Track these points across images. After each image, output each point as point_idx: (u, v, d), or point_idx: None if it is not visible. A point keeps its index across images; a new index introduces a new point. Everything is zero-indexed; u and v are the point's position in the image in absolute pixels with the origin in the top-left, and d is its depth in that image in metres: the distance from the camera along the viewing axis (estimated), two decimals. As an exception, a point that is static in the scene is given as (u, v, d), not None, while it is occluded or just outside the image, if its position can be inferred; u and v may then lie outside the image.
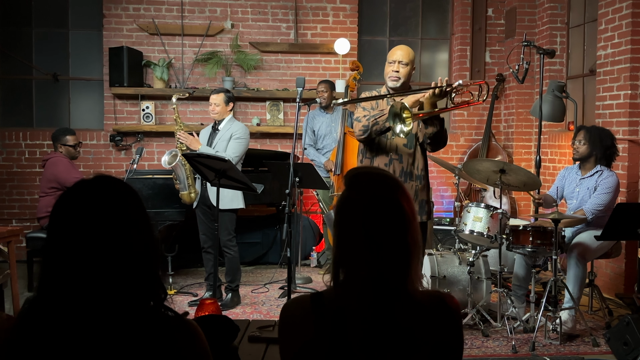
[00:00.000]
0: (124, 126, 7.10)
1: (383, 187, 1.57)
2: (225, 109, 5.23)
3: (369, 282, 1.50)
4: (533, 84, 7.06)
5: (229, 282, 5.27)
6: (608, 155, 4.86)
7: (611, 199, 4.77)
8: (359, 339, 1.49)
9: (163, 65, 7.02)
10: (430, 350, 1.51)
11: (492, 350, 4.25)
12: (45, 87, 7.35)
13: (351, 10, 7.43)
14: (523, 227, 4.60)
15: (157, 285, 1.46)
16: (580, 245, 4.65)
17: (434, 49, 7.94)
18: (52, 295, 1.39)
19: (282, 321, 1.60)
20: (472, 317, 4.60)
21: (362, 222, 1.53)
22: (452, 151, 7.58)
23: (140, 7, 7.18)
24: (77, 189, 1.46)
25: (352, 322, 1.49)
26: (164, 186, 5.71)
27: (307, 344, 1.52)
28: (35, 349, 1.36)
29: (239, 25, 7.29)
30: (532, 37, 7.01)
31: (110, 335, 1.36)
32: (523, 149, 7.32)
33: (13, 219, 7.04)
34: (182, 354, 1.41)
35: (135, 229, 1.44)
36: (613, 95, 5.65)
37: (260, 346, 2.34)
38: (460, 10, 7.59)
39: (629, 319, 3.88)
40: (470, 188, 7.19)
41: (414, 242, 1.55)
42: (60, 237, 1.41)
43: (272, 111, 7.27)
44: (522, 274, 4.90)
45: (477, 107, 7.56)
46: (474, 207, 4.86)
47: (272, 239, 6.87)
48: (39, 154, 7.01)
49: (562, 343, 4.35)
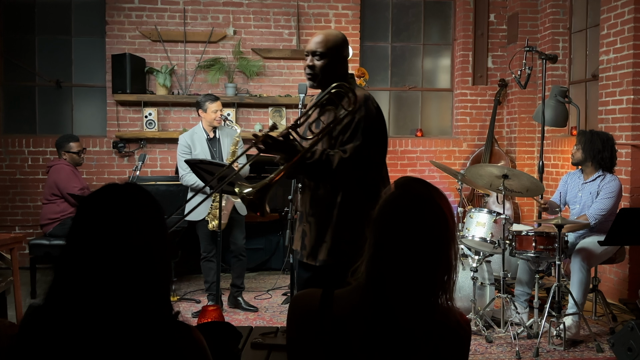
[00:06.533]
0: (126, 133, 7.11)
1: (433, 195, 1.56)
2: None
3: (397, 290, 1.49)
4: (535, 89, 7.06)
5: (240, 285, 5.32)
6: (600, 159, 4.84)
7: (614, 204, 4.76)
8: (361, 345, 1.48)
9: (166, 72, 7.03)
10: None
11: (495, 357, 4.23)
12: (48, 93, 7.36)
13: (353, 16, 7.45)
14: (526, 232, 4.59)
15: (167, 297, 1.45)
16: (584, 251, 4.64)
17: (436, 54, 7.94)
18: (62, 302, 1.38)
19: (290, 310, 1.61)
20: (476, 323, 4.58)
21: (406, 225, 1.51)
22: (454, 157, 7.58)
23: (143, 14, 7.20)
24: (105, 195, 1.45)
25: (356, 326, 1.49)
26: (167, 192, 5.72)
27: (310, 338, 1.52)
28: (39, 356, 1.36)
29: (241, 32, 7.30)
30: (534, 43, 7.01)
31: (115, 342, 1.36)
32: (526, 154, 7.31)
33: (16, 225, 7.04)
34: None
35: (155, 240, 1.43)
36: (616, 100, 5.64)
37: (263, 353, 2.33)
38: (462, 15, 7.60)
39: (633, 325, 3.87)
40: (473, 193, 7.18)
41: (453, 258, 1.53)
42: (82, 240, 1.40)
43: (275, 117, 7.27)
44: (525, 279, 4.89)
45: (480, 113, 7.57)
46: (477, 212, 4.85)
47: (275, 245, 6.87)
48: (42, 161, 7.02)
49: (566, 349, 4.34)
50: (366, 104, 2.84)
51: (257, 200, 2.59)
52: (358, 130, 2.79)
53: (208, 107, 5.21)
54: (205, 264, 5.23)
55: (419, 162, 7.50)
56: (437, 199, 1.55)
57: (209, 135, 5.26)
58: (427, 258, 1.49)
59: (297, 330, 1.57)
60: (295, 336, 1.58)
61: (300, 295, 1.63)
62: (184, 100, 7.10)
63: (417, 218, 1.51)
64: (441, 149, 7.59)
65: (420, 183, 1.59)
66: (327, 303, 1.54)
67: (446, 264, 1.52)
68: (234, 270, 5.36)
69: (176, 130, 7.16)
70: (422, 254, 1.49)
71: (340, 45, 2.96)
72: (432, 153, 7.53)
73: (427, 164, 7.33)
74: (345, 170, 2.76)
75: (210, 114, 5.21)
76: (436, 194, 1.56)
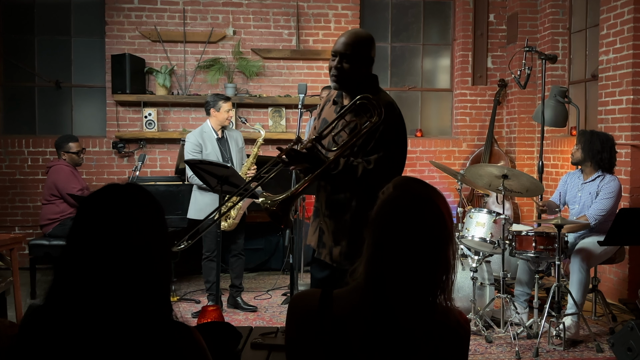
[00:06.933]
0: (126, 133, 7.10)
1: (431, 195, 1.56)
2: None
3: (396, 290, 1.49)
4: (535, 89, 7.07)
5: (239, 285, 5.34)
6: (600, 160, 4.85)
7: (613, 204, 4.77)
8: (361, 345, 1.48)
9: (165, 72, 7.03)
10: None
11: (495, 357, 4.23)
12: (48, 94, 7.36)
13: (353, 17, 7.45)
14: (526, 232, 4.59)
15: (166, 297, 1.45)
16: (584, 251, 4.64)
17: (435, 54, 7.95)
18: (62, 302, 1.38)
19: (289, 311, 1.61)
20: (475, 323, 4.58)
21: (405, 225, 1.51)
22: (454, 157, 7.58)
23: (143, 14, 7.20)
24: (105, 195, 1.44)
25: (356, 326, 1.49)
26: (166, 193, 5.72)
27: (310, 338, 1.52)
28: (39, 356, 1.36)
29: (241, 32, 7.30)
30: (533, 43, 7.01)
31: (115, 342, 1.36)
32: (525, 155, 7.31)
33: (16, 226, 7.04)
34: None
35: (156, 240, 1.43)
36: (615, 100, 5.65)
37: (263, 353, 2.33)
38: (461, 16, 7.60)
39: (633, 325, 3.87)
40: (472, 194, 7.18)
41: (452, 257, 1.54)
42: (82, 240, 1.40)
43: (275, 117, 7.27)
44: (525, 279, 4.89)
45: (479, 113, 7.57)
46: (477, 212, 4.85)
47: (274, 245, 6.87)
48: (42, 161, 7.02)
49: (566, 349, 4.34)
50: (390, 112, 2.81)
51: (281, 212, 2.59)
52: (382, 141, 2.77)
53: (221, 107, 5.22)
54: (207, 263, 5.22)
55: (418, 162, 7.49)
56: (435, 198, 1.55)
57: (218, 135, 5.28)
58: (425, 258, 1.50)
59: (296, 331, 1.57)
60: (295, 336, 1.58)
61: (300, 296, 1.63)
62: (184, 100, 7.10)
63: (416, 218, 1.51)
64: (441, 149, 7.59)
65: (418, 183, 1.60)
66: (326, 303, 1.54)
67: (445, 263, 1.52)
68: (232, 269, 5.36)
69: (176, 130, 7.16)
70: (420, 254, 1.49)
71: (368, 46, 2.89)
72: (431, 153, 7.53)
73: (427, 164, 7.33)
74: (369, 181, 2.73)
75: (222, 113, 5.23)
76: (434, 194, 1.56)
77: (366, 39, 2.89)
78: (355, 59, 2.83)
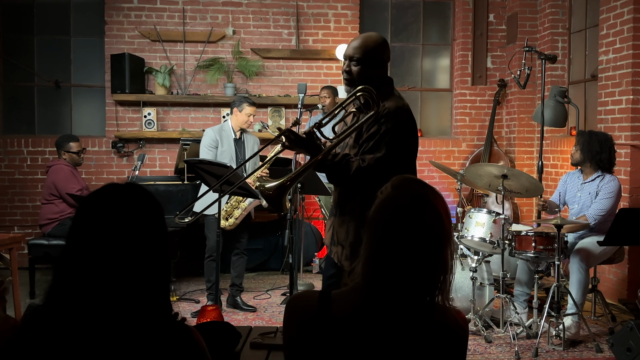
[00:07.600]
0: (125, 133, 7.10)
1: (429, 195, 1.56)
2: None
3: (395, 290, 1.49)
4: (535, 89, 7.07)
5: (239, 285, 5.34)
6: (599, 160, 4.85)
7: (613, 204, 4.77)
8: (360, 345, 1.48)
9: (165, 71, 7.03)
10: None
11: (495, 357, 4.23)
12: (47, 94, 7.36)
13: (352, 17, 7.45)
14: (526, 232, 4.59)
15: (166, 297, 1.45)
16: (583, 251, 4.64)
17: (435, 54, 7.95)
18: (61, 302, 1.38)
19: (287, 311, 1.61)
20: (475, 323, 4.58)
21: (403, 225, 1.51)
22: (454, 157, 7.58)
23: (142, 14, 7.19)
24: (105, 194, 1.44)
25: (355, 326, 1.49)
26: (166, 192, 5.72)
27: (309, 338, 1.52)
28: (39, 356, 1.36)
29: (240, 32, 7.30)
30: (533, 43, 7.01)
31: (115, 342, 1.36)
32: (525, 155, 7.31)
33: (15, 226, 7.04)
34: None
35: (156, 240, 1.43)
36: (615, 101, 5.65)
37: (262, 353, 2.33)
38: (461, 16, 7.60)
39: (632, 325, 3.86)
40: (472, 194, 7.19)
41: (450, 257, 1.53)
42: (82, 240, 1.40)
43: (274, 117, 7.27)
44: (524, 279, 4.89)
45: (479, 113, 7.57)
46: (476, 212, 4.85)
47: (274, 245, 6.87)
48: (41, 161, 7.02)
49: (566, 349, 4.34)
50: (396, 116, 2.81)
51: (276, 197, 2.63)
52: (382, 142, 2.78)
53: (245, 109, 5.21)
54: (210, 263, 5.19)
55: (418, 162, 7.44)
56: (434, 198, 1.55)
57: (236, 136, 5.28)
58: (424, 258, 1.50)
59: (295, 331, 1.57)
60: (294, 336, 1.57)
61: (298, 296, 1.63)
62: (183, 100, 7.10)
63: (414, 218, 1.51)
64: (440, 149, 7.59)
65: (417, 183, 1.59)
66: (325, 303, 1.54)
67: (443, 263, 1.52)
68: (234, 268, 5.35)
69: (175, 130, 7.16)
70: (419, 254, 1.49)
71: (379, 50, 2.93)
72: (431, 153, 7.53)
73: (427, 164, 7.33)
74: (362, 179, 2.74)
75: (244, 115, 5.22)
76: (432, 194, 1.56)
77: (376, 41, 2.94)
78: (365, 61, 2.88)
